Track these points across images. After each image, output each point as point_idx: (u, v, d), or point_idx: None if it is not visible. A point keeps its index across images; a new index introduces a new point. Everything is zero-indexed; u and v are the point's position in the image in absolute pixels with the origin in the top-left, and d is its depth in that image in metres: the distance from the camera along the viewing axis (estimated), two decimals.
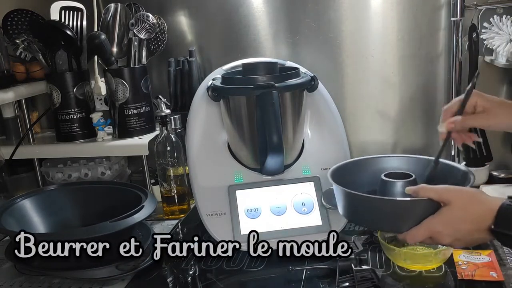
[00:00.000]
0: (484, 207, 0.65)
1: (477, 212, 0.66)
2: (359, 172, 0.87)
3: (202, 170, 0.97)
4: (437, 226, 0.68)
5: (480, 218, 0.65)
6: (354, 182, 0.81)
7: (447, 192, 0.68)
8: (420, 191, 0.71)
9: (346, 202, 0.78)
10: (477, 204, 0.67)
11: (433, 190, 0.70)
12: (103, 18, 1.19)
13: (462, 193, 0.68)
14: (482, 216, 0.65)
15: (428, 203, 0.69)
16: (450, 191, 0.69)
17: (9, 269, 0.92)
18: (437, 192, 0.69)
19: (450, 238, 0.68)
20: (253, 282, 0.84)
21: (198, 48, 1.27)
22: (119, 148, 1.17)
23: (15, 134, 1.29)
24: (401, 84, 1.20)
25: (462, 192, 0.69)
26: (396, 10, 1.15)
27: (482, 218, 0.65)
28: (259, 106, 0.86)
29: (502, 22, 1.06)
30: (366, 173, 0.87)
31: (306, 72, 0.99)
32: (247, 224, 0.92)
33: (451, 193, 0.68)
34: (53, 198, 1.02)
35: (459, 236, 0.67)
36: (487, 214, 0.64)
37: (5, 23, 1.22)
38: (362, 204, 0.76)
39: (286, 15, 1.21)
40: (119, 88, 1.15)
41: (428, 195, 0.69)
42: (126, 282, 0.84)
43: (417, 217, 0.70)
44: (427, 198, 0.69)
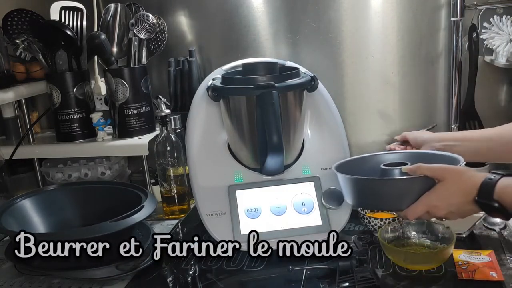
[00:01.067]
0: (471, 182, 0.73)
1: (466, 187, 0.73)
2: (361, 167, 0.90)
3: (202, 170, 0.97)
4: (433, 200, 0.75)
5: (468, 191, 0.73)
6: (357, 175, 0.84)
7: (441, 170, 0.76)
8: (417, 169, 0.77)
9: (351, 188, 0.83)
10: (466, 179, 0.74)
11: (429, 168, 0.76)
12: (103, 18, 1.19)
13: (454, 170, 0.76)
14: (470, 190, 0.73)
15: (424, 180, 0.76)
16: (443, 168, 0.76)
17: (9, 269, 0.92)
18: (432, 169, 0.76)
19: (445, 211, 0.75)
20: (253, 282, 0.84)
21: (198, 48, 1.27)
22: (119, 148, 1.17)
23: (15, 134, 1.29)
24: (401, 84, 1.20)
25: (454, 170, 0.76)
26: (396, 10, 1.15)
27: (469, 191, 0.73)
28: (259, 106, 0.86)
29: (502, 22, 1.06)
30: (367, 168, 0.90)
31: (306, 72, 0.99)
32: (247, 224, 0.92)
33: (444, 170, 0.75)
34: (53, 198, 1.02)
35: (453, 209, 0.75)
36: (473, 187, 0.72)
37: (5, 23, 1.22)
38: (365, 187, 0.81)
39: (286, 15, 1.21)
40: (119, 88, 1.15)
41: (424, 172, 0.76)
42: (126, 282, 0.84)
43: (415, 194, 0.76)
44: (423, 175, 0.76)
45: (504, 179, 0.72)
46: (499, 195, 0.70)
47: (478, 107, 1.16)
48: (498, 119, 1.17)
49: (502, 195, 0.70)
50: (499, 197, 0.70)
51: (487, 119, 1.16)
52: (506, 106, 1.17)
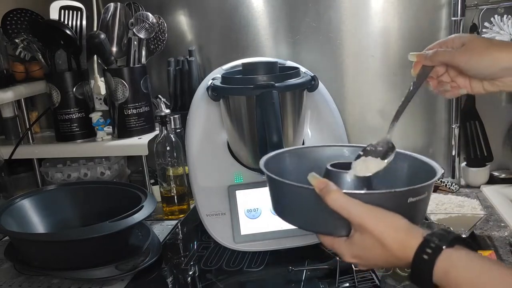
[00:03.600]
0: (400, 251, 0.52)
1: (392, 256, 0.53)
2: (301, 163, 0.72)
3: (202, 170, 0.97)
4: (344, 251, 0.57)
5: (395, 261, 0.54)
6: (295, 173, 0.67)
7: (359, 217, 0.53)
8: (325, 195, 0.54)
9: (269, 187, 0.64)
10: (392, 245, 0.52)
11: (342, 205, 0.53)
12: (102, 18, 1.19)
13: (375, 227, 0.52)
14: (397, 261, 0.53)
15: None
16: (361, 217, 0.53)
17: (8, 269, 0.92)
18: (345, 210, 0.53)
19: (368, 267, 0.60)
20: (253, 282, 0.84)
21: (198, 48, 1.27)
22: (119, 148, 1.17)
23: (15, 134, 1.28)
24: (402, 84, 1.19)
25: (376, 225, 0.52)
26: (396, 9, 1.15)
27: (397, 262, 0.53)
28: (259, 106, 0.85)
29: (503, 22, 1.06)
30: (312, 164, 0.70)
31: (306, 72, 0.99)
32: (247, 224, 0.92)
33: (364, 222, 0.53)
34: (52, 198, 1.02)
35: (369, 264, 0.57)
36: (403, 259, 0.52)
37: (4, 23, 1.21)
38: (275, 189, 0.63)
39: (286, 15, 1.20)
40: (119, 88, 1.15)
41: (333, 206, 0.53)
42: (126, 282, 0.84)
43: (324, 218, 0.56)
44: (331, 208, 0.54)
45: (447, 254, 0.49)
46: (440, 278, 0.49)
47: (478, 107, 1.16)
48: (499, 119, 1.17)
49: (444, 279, 0.49)
50: (441, 281, 0.49)
51: (488, 119, 1.15)
52: (507, 106, 1.17)
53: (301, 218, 0.60)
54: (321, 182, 0.55)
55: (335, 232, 0.57)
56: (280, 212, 0.63)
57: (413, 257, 0.51)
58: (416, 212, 0.58)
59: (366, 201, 0.54)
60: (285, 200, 0.61)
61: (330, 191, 0.54)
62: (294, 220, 0.61)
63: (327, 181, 0.55)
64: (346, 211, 0.53)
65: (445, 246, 0.49)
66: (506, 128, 1.17)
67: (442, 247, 0.49)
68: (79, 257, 0.85)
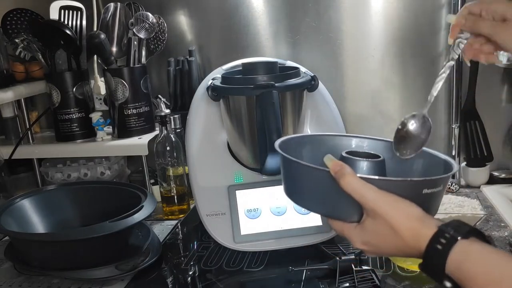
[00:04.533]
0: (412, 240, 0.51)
1: (404, 244, 0.52)
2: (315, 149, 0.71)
3: (202, 170, 0.97)
4: (354, 236, 0.56)
5: (407, 250, 0.53)
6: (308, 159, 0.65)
7: (372, 202, 0.52)
8: (341, 178, 0.53)
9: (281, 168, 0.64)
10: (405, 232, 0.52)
11: (355, 189, 0.53)
12: (102, 18, 1.19)
13: (389, 214, 0.52)
14: (409, 250, 0.52)
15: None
16: (375, 202, 0.52)
17: (8, 269, 0.92)
18: (359, 193, 0.53)
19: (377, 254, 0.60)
20: (253, 282, 0.84)
21: (197, 48, 1.27)
22: (119, 148, 1.17)
23: (15, 134, 1.28)
24: (402, 84, 1.19)
25: (390, 212, 0.52)
26: (396, 9, 1.15)
27: (409, 251, 0.52)
28: (259, 106, 0.85)
29: None
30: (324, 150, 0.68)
31: (306, 72, 0.99)
32: (247, 224, 0.92)
33: (376, 207, 0.52)
34: (52, 198, 1.02)
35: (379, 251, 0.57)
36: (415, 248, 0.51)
37: (4, 23, 1.21)
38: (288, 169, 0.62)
39: (286, 15, 1.20)
40: (119, 88, 1.14)
41: (347, 189, 0.53)
42: (125, 282, 0.84)
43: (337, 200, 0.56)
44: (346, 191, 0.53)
45: (462, 245, 0.48)
46: (453, 270, 0.48)
47: (478, 107, 1.15)
48: (499, 119, 1.17)
49: (457, 271, 0.48)
50: (454, 273, 0.48)
51: (488, 119, 1.15)
52: (507, 106, 1.17)
53: (313, 201, 0.59)
54: (337, 165, 0.54)
55: (346, 216, 0.57)
56: (292, 194, 0.63)
57: (426, 247, 0.50)
58: (430, 204, 0.57)
59: (380, 187, 0.53)
60: (298, 181, 0.61)
61: (345, 173, 0.53)
62: (305, 202, 0.61)
63: (343, 163, 0.55)
64: (360, 195, 0.53)
65: (460, 237, 0.48)
66: (506, 128, 1.17)
67: (457, 238, 0.48)
68: (79, 257, 0.85)
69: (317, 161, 0.59)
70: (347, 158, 0.61)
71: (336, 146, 0.70)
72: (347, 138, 0.73)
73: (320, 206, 0.59)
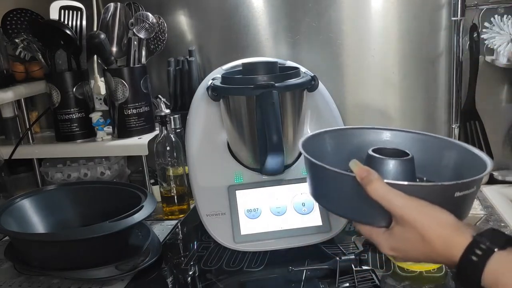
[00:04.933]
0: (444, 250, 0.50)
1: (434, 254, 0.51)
2: (341, 145, 0.70)
3: (202, 170, 0.97)
4: (383, 242, 0.55)
5: (438, 259, 0.52)
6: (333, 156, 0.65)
7: (401, 210, 0.51)
8: (368, 184, 0.52)
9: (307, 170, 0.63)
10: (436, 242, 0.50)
11: (384, 196, 0.52)
12: (102, 18, 1.19)
13: (418, 222, 0.51)
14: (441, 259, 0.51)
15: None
16: (403, 210, 0.51)
17: (8, 269, 0.92)
18: (387, 200, 0.51)
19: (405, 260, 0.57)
20: (253, 282, 0.83)
21: (198, 48, 1.27)
22: (119, 148, 1.17)
23: (15, 134, 1.28)
24: (402, 84, 1.19)
25: (419, 220, 0.51)
26: (396, 9, 1.15)
27: (440, 260, 0.51)
28: (259, 106, 0.85)
29: (503, 22, 1.06)
30: (353, 147, 0.69)
31: (306, 72, 0.99)
32: (247, 224, 0.92)
33: (405, 215, 0.51)
34: (52, 198, 1.02)
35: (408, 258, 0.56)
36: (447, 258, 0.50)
37: (4, 23, 1.21)
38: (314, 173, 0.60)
39: (286, 15, 1.20)
40: (119, 88, 1.14)
41: (375, 197, 0.52)
42: (125, 282, 0.84)
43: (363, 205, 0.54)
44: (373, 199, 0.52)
45: (499, 257, 0.46)
46: (490, 283, 0.46)
47: (478, 107, 1.16)
48: (499, 119, 1.17)
49: (494, 285, 0.46)
50: (491, 286, 0.46)
51: (488, 119, 1.15)
52: (507, 106, 1.17)
53: (339, 205, 0.58)
54: (363, 170, 0.53)
55: (374, 222, 0.55)
56: (318, 197, 0.62)
57: (460, 258, 0.48)
58: (463, 207, 0.55)
59: (409, 193, 0.51)
60: (324, 185, 0.59)
61: (372, 180, 0.52)
62: (332, 206, 0.60)
63: (369, 169, 0.53)
64: (388, 202, 0.51)
65: (497, 248, 0.46)
66: (506, 128, 1.17)
67: (494, 249, 0.46)
68: (79, 257, 0.85)
69: (343, 158, 0.58)
70: (373, 157, 0.59)
71: (362, 140, 0.68)
72: (374, 131, 0.70)
73: (347, 211, 0.58)
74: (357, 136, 0.70)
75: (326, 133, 0.70)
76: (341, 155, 0.59)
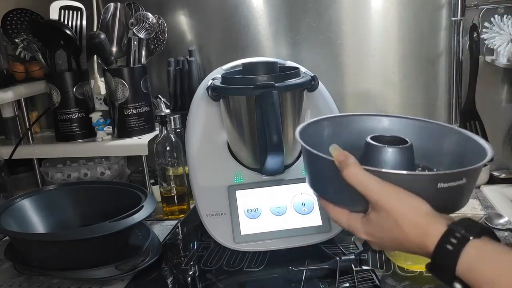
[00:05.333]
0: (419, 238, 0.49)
1: (409, 241, 0.50)
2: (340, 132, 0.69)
3: (202, 170, 0.97)
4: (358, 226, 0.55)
5: (412, 248, 0.51)
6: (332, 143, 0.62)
7: (376, 195, 0.51)
8: (345, 168, 0.52)
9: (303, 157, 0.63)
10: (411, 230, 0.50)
11: (361, 181, 0.51)
12: (102, 18, 1.19)
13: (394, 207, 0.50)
14: (415, 248, 0.50)
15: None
16: (379, 195, 0.50)
17: (8, 269, 0.92)
18: (363, 185, 0.51)
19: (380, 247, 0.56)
20: (253, 282, 0.83)
21: (197, 48, 1.27)
22: (119, 148, 1.17)
23: (15, 134, 1.28)
24: (402, 84, 1.19)
25: (395, 205, 0.50)
26: (396, 9, 1.15)
27: (414, 248, 0.51)
28: (259, 106, 0.85)
29: (503, 22, 1.06)
30: (352, 133, 0.68)
31: (306, 72, 0.99)
32: (247, 224, 0.92)
33: (381, 200, 0.51)
34: (52, 198, 1.02)
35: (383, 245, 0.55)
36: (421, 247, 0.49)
37: (4, 23, 1.21)
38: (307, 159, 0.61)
39: (286, 15, 1.20)
40: (119, 88, 1.14)
41: (351, 181, 0.52)
42: (125, 282, 0.84)
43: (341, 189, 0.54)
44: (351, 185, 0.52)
45: (473, 245, 0.45)
46: (464, 271, 0.45)
47: (478, 107, 1.16)
48: (499, 119, 1.17)
49: (469, 273, 0.45)
50: (465, 275, 0.45)
51: (488, 119, 1.15)
52: (507, 106, 1.17)
53: (321, 187, 0.59)
54: (341, 155, 0.53)
55: (352, 206, 0.56)
56: (307, 179, 0.63)
57: (435, 247, 0.47)
58: (448, 200, 0.53)
59: (388, 180, 0.51)
60: (310, 167, 0.61)
61: (349, 164, 0.52)
62: (316, 187, 0.61)
63: (347, 154, 0.53)
64: (364, 187, 0.51)
65: (472, 236, 0.45)
66: (506, 128, 1.17)
67: (469, 237, 0.45)
68: (79, 257, 0.85)
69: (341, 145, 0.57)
70: (371, 144, 0.58)
71: (361, 127, 0.68)
72: (373, 118, 0.69)
73: (327, 192, 0.59)
74: (356, 123, 0.69)
75: (325, 120, 0.70)
76: (339, 143, 0.57)
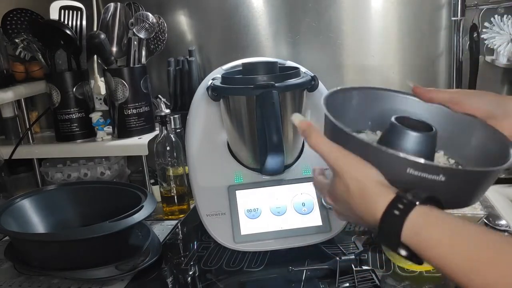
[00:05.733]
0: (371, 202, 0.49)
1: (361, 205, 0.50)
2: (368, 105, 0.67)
3: (202, 170, 0.97)
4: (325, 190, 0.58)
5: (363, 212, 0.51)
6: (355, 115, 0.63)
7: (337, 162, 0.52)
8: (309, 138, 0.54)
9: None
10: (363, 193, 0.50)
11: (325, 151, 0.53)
12: (102, 18, 1.19)
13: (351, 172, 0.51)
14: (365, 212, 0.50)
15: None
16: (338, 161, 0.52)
17: (8, 269, 0.92)
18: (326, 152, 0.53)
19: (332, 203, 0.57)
20: (253, 282, 0.83)
21: (198, 48, 1.27)
22: (119, 148, 1.17)
23: (15, 134, 1.29)
24: (402, 84, 1.19)
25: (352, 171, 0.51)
26: (396, 9, 1.15)
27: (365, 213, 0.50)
28: (259, 106, 0.85)
29: (503, 22, 1.06)
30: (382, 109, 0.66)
31: (306, 72, 0.99)
32: (247, 224, 0.91)
33: (339, 166, 0.52)
34: (52, 198, 1.02)
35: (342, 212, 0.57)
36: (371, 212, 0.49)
37: (4, 23, 1.21)
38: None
39: (286, 15, 1.20)
40: (119, 88, 1.15)
41: (315, 148, 0.54)
42: (125, 282, 0.84)
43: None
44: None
45: (419, 211, 0.46)
46: (410, 236, 0.46)
47: None
48: None
49: (415, 237, 0.45)
50: (411, 240, 0.46)
51: None
52: None
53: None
54: (304, 124, 0.55)
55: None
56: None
57: (382, 213, 0.47)
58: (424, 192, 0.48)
59: (352, 147, 0.52)
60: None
61: (312, 132, 0.54)
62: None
63: (309, 122, 0.55)
64: (325, 154, 0.53)
65: (419, 202, 0.46)
66: None
67: (415, 203, 0.46)
68: (79, 257, 0.85)
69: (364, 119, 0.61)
70: (395, 125, 0.55)
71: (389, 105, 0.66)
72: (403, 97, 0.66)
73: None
74: (385, 100, 0.67)
75: (355, 90, 0.68)
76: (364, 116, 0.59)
